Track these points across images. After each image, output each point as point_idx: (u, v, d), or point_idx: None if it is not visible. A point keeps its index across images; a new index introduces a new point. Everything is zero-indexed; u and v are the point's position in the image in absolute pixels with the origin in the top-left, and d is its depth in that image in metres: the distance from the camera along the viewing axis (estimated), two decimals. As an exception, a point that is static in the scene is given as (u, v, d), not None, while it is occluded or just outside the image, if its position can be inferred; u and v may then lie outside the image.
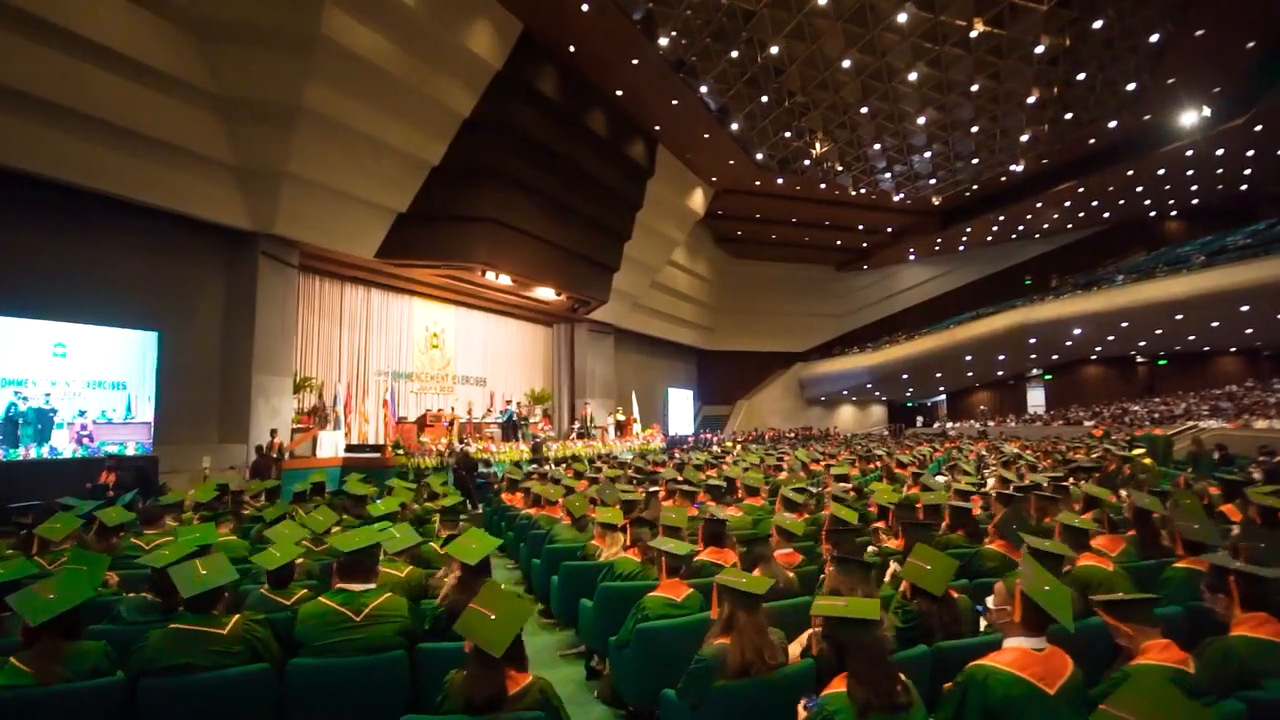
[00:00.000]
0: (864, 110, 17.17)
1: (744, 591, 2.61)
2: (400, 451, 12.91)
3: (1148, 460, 11.34)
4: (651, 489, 6.82)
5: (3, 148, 9.50)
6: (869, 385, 32.04)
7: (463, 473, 11.15)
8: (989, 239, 30.97)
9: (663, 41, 15.25)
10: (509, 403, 18.85)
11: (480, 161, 15.61)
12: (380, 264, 16.18)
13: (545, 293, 20.12)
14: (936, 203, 25.24)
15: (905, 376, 30.61)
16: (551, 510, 6.56)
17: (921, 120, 17.36)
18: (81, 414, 9.42)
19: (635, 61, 16.63)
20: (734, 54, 15.74)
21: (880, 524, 4.81)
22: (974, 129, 17.98)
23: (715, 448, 22.58)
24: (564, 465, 13.48)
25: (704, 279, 30.99)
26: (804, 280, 34.98)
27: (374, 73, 12.73)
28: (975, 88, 15.78)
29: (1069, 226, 30.13)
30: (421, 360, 20.03)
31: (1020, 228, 29.72)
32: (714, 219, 28.58)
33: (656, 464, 12.59)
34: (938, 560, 2.74)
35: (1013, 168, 21.77)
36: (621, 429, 22.52)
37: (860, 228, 30.10)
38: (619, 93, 18.23)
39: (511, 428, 17.99)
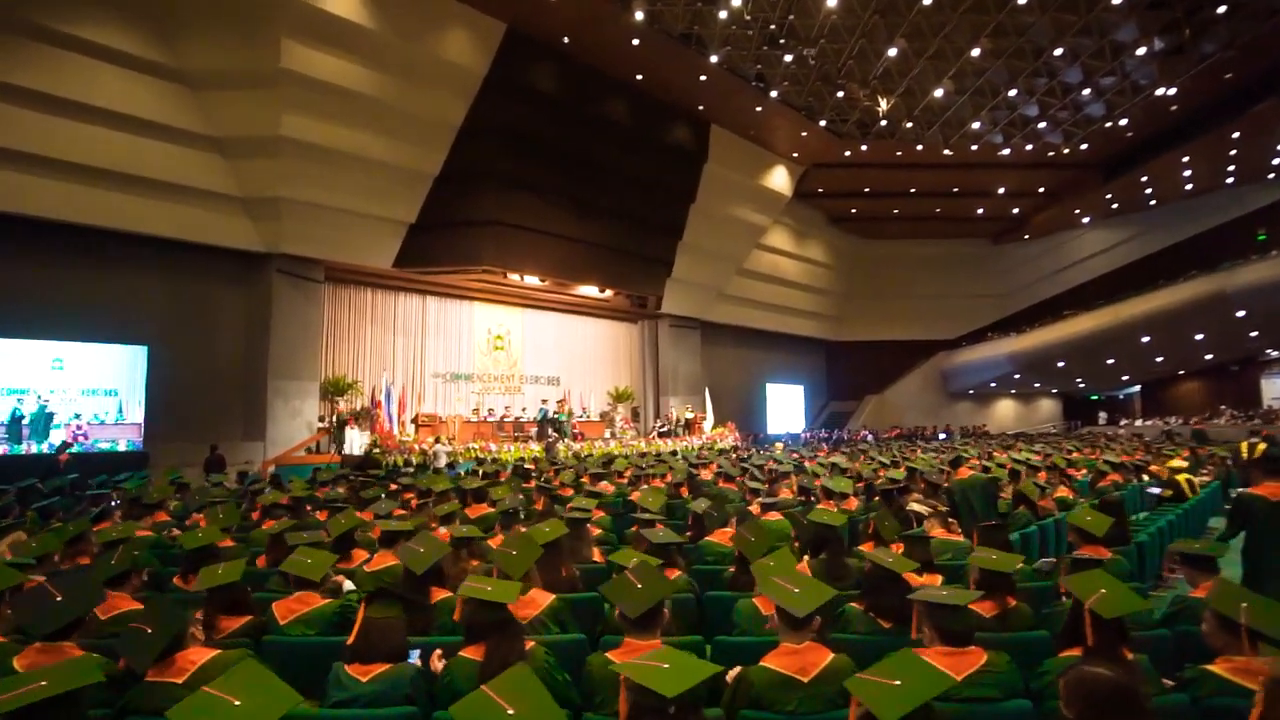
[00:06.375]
0: (892, 53, 14.48)
1: None
2: (378, 451, 13.68)
3: (1180, 475, 8.07)
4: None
5: (35, 202, 11.78)
6: (1016, 375, 26.92)
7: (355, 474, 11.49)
8: (1188, 188, 24.29)
9: (639, 16, 14.29)
10: (545, 402, 18.97)
11: (480, 165, 15.97)
12: (417, 272, 17.31)
13: (589, 290, 20.01)
14: (1068, 151, 20.44)
15: (1062, 364, 25.20)
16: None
17: (976, 52, 14.20)
18: (76, 416, 11.38)
19: (636, 42, 15.80)
20: (723, 15, 14.24)
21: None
22: (1058, 51, 14.27)
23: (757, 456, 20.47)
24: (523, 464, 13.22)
25: (822, 264, 28.50)
26: (953, 257, 30.45)
27: (345, 96, 13.63)
28: (1026, -2, 12.53)
29: (1315, 158, 22.48)
30: (484, 362, 20.96)
31: (1231, 168, 22.89)
32: (816, 198, 26.16)
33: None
34: None
35: (1163, 91, 16.86)
36: (689, 427, 21.55)
37: (1001, 191, 25.42)
38: (638, 77, 17.47)
39: (546, 426, 18.13)
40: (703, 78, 17.40)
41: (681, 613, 3.33)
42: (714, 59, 16.03)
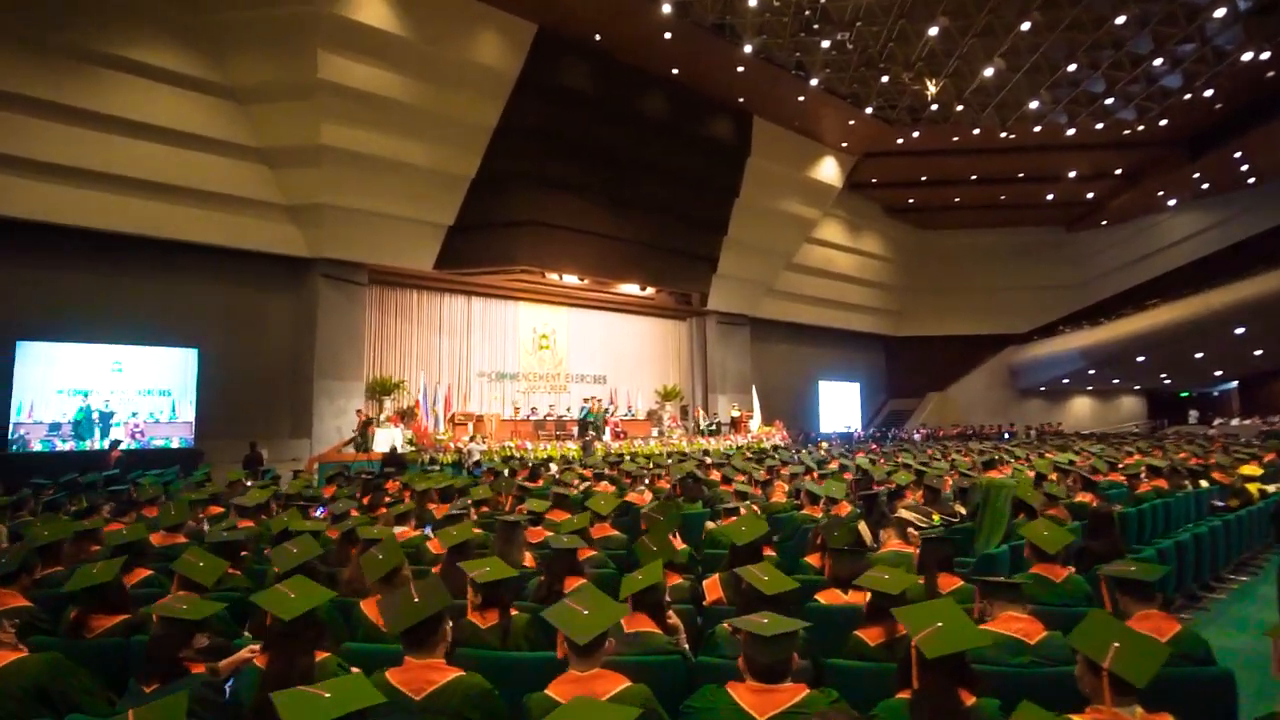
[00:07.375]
0: (934, 31, 13.70)
1: None
2: (413, 448, 14.01)
3: (1252, 484, 7.27)
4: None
5: (96, 215, 12.62)
6: (1090, 371, 25.06)
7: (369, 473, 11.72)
8: (1293, 162, 21.99)
9: (667, 8, 14.06)
10: (586, 400, 18.99)
11: (516, 166, 16.12)
12: (457, 274, 17.65)
13: (632, 289, 19.95)
14: (1144, 128, 18.85)
15: (1142, 359, 23.28)
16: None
17: (1026, 26, 13.26)
18: (134, 415, 12.15)
19: (668, 35, 15.58)
20: (753, 2, 13.85)
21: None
22: (1120, 20, 13.17)
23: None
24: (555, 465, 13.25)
25: (879, 257, 27.45)
26: (1022, 246, 28.63)
27: (382, 103, 14.03)
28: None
29: None
30: (529, 361, 21.16)
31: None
32: (870, 188, 25.21)
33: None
34: None
35: (1252, 56, 15.28)
36: (735, 425, 21.16)
37: (1072, 174, 23.75)
38: (674, 71, 17.23)
39: (587, 426, 18.16)
40: (740, 69, 17.00)
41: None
42: (749, 49, 15.63)
